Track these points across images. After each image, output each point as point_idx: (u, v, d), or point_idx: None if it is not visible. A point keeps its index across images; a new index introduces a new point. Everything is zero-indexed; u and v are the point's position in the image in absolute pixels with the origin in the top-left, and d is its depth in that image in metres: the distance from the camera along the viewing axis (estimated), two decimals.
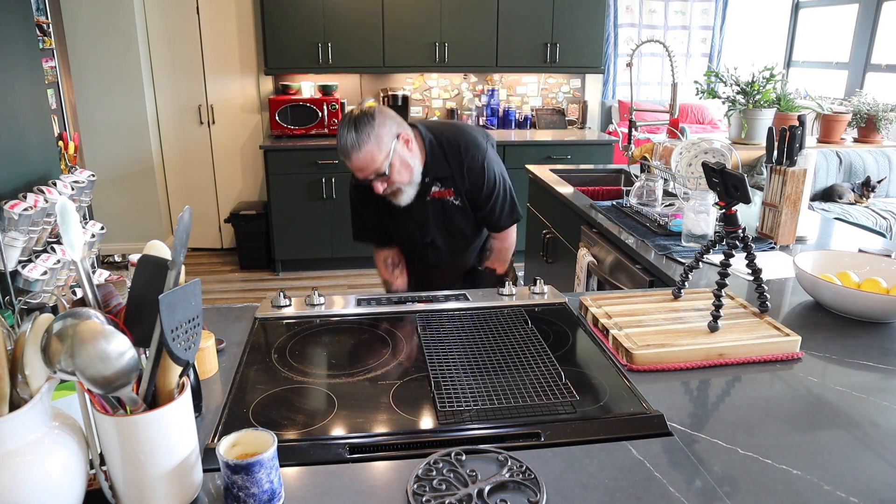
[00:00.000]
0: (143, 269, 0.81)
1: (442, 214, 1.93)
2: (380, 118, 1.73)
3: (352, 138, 1.69)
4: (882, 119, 3.55)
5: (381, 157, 1.71)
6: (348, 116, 1.72)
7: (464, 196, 1.91)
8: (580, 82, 5.09)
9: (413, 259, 2.08)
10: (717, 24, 5.53)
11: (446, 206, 1.92)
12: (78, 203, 2.74)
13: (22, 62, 2.58)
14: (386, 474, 0.90)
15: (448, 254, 2.02)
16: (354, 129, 1.69)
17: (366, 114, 1.72)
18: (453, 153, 1.87)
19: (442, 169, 1.86)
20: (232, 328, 1.38)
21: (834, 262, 1.60)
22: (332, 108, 4.34)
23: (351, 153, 1.70)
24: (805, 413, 1.07)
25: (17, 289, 2.22)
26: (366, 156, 1.70)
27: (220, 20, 4.50)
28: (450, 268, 2.09)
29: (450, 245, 2.00)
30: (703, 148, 2.25)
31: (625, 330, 1.30)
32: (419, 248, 2.01)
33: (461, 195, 1.91)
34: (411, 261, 2.09)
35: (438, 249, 1.99)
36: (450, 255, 2.03)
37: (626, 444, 0.98)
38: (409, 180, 1.80)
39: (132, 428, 0.76)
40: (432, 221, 1.93)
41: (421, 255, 2.03)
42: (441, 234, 1.97)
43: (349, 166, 1.75)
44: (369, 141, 1.69)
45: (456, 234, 1.99)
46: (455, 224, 1.96)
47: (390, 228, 2.00)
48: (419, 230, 1.95)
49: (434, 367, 1.18)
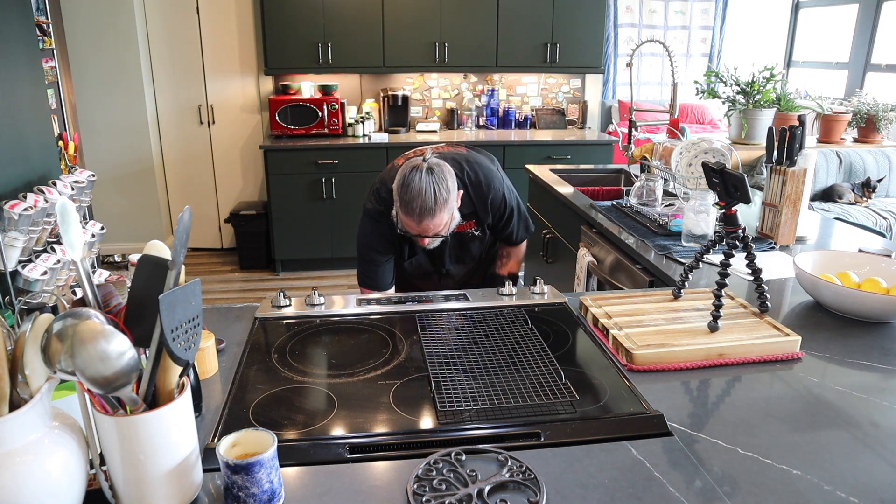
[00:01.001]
0: (143, 269, 0.81)
1: (458, 246, 1.96)
2: (451, 180, 1.66)
3: (429, 204, 1.60)
4: (882, 119, 3.55)
5: (447, 219, 1.68)
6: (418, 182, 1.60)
7: (484, 226, 1.94)
8: (580, 82, 5.09)
9: (422, 283, 2.10)
10: (717, 24, 5.53)
11: (465, 238, 1.94)
12: (78, 203, 2.74)
13: (22, 62, 2.58)
14: (386, 474, 0.90)
15: (458, 278, 2.07)
16: (433, 194, 1.60)
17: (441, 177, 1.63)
18: (477, 191, 1.86)
19: (466, 206, 1.84)
20: (232, 328, 1.38)
21: (834, 262, 1.60)
22: (332, 108, 4.34)
23: (424, 217, 1.62)
24: (805, 413, 1.07)
25: (17, 289, 2.22)
26: (438, 221, 1.65)
27: (220, 20, 4.50)
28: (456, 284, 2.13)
29: (461, 270, 2.05)
30: (703, 148, 2.25)
31: (625, 330, 1.30)
32: (432, 277, 2.05)
33: (482, 225, 1.93)
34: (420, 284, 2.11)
35: (450, 276, 2.04)
36: (459, 278, 2.08)
37: (626, 444, 0.98)
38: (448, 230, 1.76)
39: (132, 428, 0.76)
40: (448, 253, 1.96)
41: (431, 282, 2.07)
42: (455, 262, 2.01)
43: (409, 225, 1.66)
44: (446, 207, 1.64)
45: (468, 261, 2.03)
46: (470, 252, 1.99)
47: (406, 267, 2.00)
48: (435, 263, 1.99)
49: (434, 367, 1.18)
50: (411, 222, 1.66)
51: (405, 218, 1.67)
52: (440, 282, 2.06)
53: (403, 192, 1.64)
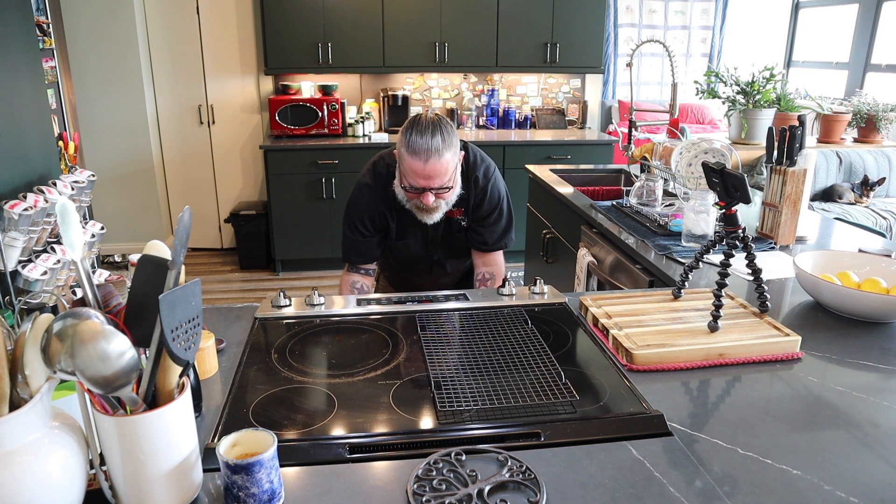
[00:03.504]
0: (143, 269, 0.81)
1: (449, 233, 1.92)
2: (456, 135, 1.68)
3: (437, 142, 1.61)
4: (882, 119, 3.56)
5: (452, 167, 1.67)
6: (425, 120, 1.64)
7: (467, 215, 1.89)
8: (580, 82, 5.09)
9: (412, 275, 2.07)
10: (717, 24, 5.53)
11: (454, 225, 1.91)
12: (78, 203, 2.74)
13: (22, 62, 2.58)
14: (386, 474, 0.90)
15: (449, 271, 2.03)
16: (440, 132, 1.62)
17: (446, 122, 1.66)
18: (466, 173, 1.84)
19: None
20: (232, 328, 1.38)
21: (834, 262, 1.60)
22: (332, 108, 4.34)
23: (431, 157, 1.61)
24: (805, 413, 1.07)
25: (17, 289, 2.22)
26: (444, 163, 1.64)
27: (220, 20, 4.50)
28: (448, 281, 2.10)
29: (452, 262, 2.01)
30: (703, 148, 2.25)
31: (625, 330, 1.30)
32: (422, 265, 2.00)
33: (467, 213, 1.89)
34: (410, 276, 2.08)
35: (442, 266, 2.00)
36: (450, 271, 2.04)
37: (626, 444, 0.98)
38: (450, 198, 1.75)
39: (132, 428, 0.76)
40: (440, 240, 1.93)
41: (422, 272, 2.03)
42: (446, 251, 1.96)
43: (414, 170, 1.64)
44: (451, 147, 1.64)
45: (458, 253, 1.98)
46: (461, 241, 1.95)
47: (394, 249, 1.94)
48: (427, 248, 1.94)
49: (434, 367, 1.18)
50: (417, 163, 1.63)
51: (411, 161, 1.64)
52: (431, 271, 2.01)
53: (410, 132, 1.64)
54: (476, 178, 1.84)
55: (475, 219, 1.90)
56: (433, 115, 1.69)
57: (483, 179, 1.85)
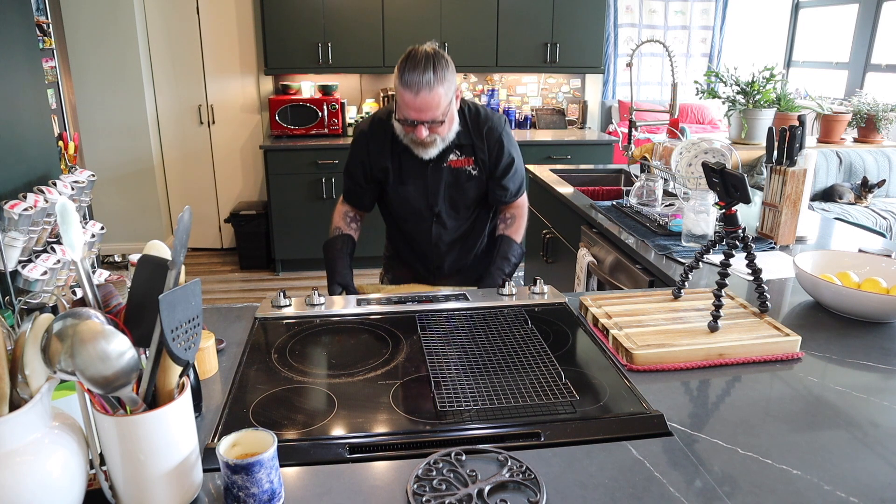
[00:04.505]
0: (143, 269, 0.81)
1: (454, 185, 1.89)
2: (453, 73, 1.70)
3: (429, 76, 1.63)
4: (882, 119, 3.56)
5: (445, 102, 1.69)
6: (420, 53, 1.66)
7: (482, 166, 1.88)
8: (580, 82, 5.09)
9: (413, 236, 2.01)
10: (717, 24, 5.53)
11: (461, 175, 1.88)
12: (78, 203, 2.74)
13: (22, 62, 2.58)
14: (386, 474, 0.90)
15: (451, 230, 1.97)
16: (432, 67, 1.63)
17: (441, 56, 1.68)
18: (474, 120, 1.86)
19: (463, 135, 1.84)
20: (232, 328, 1.38)
21: (834, 262, 1.60)
22: (332, 108, 4.34)
23: (422, 90, 1.63)
24: (805, 413, 1.07)
25: (17, 289, 2.22)
26: (435, 97, 1.65)
27: (220, 20, 4.50)
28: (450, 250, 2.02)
29: (454, 220, 1.95)
30: (703, 148, 2.25)
31: (625, 330, 1.30)
32: (423, 221, 1.94)
33: (479, 164, 1.88)
34: (411, 239, 2.02)
35: (442, 224, 1.94)
36: (453, 232, 1.97)
37: (626, 444, 0.98)
38: (447, 134, 1.77)
39: (132, 428, 0.76)
40: (443, 191, 1.89)
41: (423, 230, 1.96)
42: (448, 205, 1.92)
43: (406, 102, 1.67)
44: (444, 82, 1.65)
45: (461, 208, 1.94)
46: (465, 195, 1.91)
47: (395, 199, 1.92)
48: (427, 199, 1.90)
49: (434, 367, 1.18)
50: (409, 95, 1.66)
51: (403, 93, 1.67)
52: (432, 229, 1.95)
53: (404, 63, 1.66)
54: (489, 129, 1.85)
55: (496, 174, 1.89)
56: (430, 47, 1.70)
57: (497, 130, 1.87)
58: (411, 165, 1.85)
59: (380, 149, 1.85)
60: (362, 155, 1.89)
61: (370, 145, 1.86)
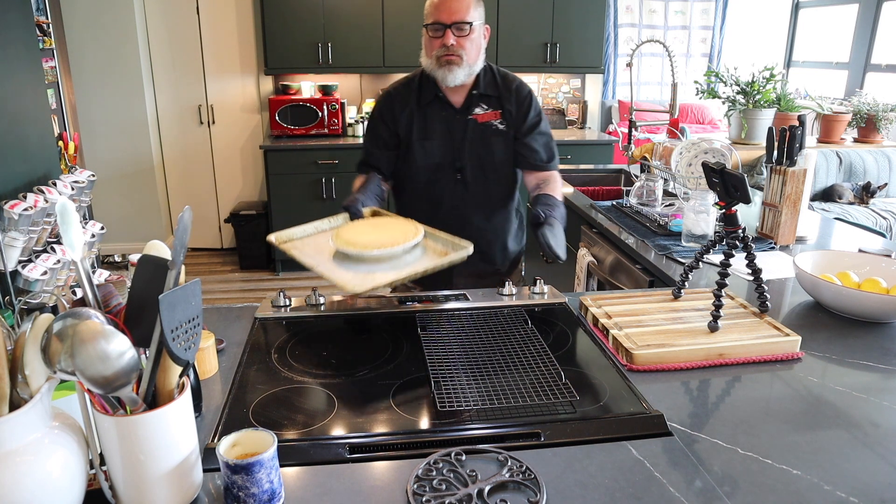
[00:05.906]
0: (143, 269, 0.81)
1: (480, 141, 1.86)
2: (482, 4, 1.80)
3: None
4: (882, 119, 3.56)
5: (474, 11, 1.76)
6: None
7: (509, 120, 1.87)
8: (580, 82, 5.09)
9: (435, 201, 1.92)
10: (717, 24, 5.53)
11: (487, 131, 1.86)
12: (78, 203, 2.74)
13: (22, 62, 2.58)
14: (386, 474, 0.90)
15: (474, 195, 1.89)
16: None
17: None
18: (503, 77, 1.90)
19: (490, 87, 1.87)
20: (232, 328, 1.38)
21: (834, 262, 1.60)
22: (332, 108, 4.34)
23: None
24: (805, 413, 1.07)
25: (17, 289, 2.22)
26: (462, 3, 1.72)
27: (220, 20, 4.50)
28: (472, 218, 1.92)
29: (478, 181, 1.88)
30: (703, 148, 2.25)
31: (625, 330, 1.30)
32: (446, 179, 1.88)
33: (506, 118, 1.87)
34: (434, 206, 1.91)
35: (466, 184, 1.88)
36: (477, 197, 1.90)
37: (626, 444, 0.98)
38: (473, 61, 1.80)
39: (132, 428, 0.76)
40: (468, 146, 1.86)
41: (446, 192, 1.89)
42: (473, 162, 1.87)
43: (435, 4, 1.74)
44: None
45: (488, 168, 1.88)
46: (492, 152, 1.87)
47: (419, 155, 1.88)
48: (452, 154, 1.86)
49: (434, 367, 1.18)
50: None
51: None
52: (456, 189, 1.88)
53: None
54: (519, 86, 1.89)
55: (523, 130, 1.88)
56: None
57: (527, 88, 1.90)
58: (436, 119, 1.87)
59: (405, 103, 1.88)
60: (386, 113, 1.91)
61: (395, 102, 1.90)
